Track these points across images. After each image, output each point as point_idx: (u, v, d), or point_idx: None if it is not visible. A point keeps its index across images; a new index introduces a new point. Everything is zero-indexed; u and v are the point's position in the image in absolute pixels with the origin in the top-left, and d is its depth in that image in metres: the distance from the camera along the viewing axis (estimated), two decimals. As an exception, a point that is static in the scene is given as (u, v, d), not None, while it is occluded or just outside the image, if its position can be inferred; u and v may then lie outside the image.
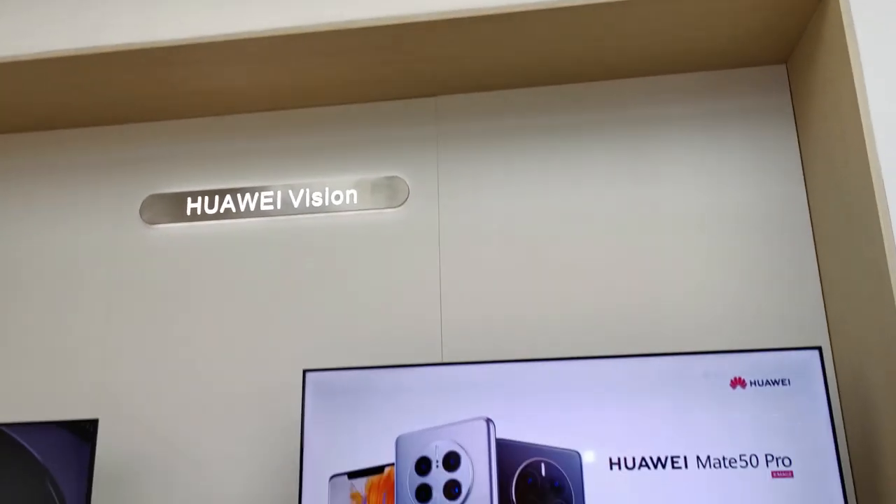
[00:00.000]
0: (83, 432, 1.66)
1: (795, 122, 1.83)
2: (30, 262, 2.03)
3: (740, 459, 1.44)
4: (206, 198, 2.00)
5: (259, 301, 1.92)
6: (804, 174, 1.79)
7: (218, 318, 1.92)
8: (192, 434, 1.84)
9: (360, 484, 1.56)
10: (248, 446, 1.81)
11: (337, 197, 1.96)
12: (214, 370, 1.88)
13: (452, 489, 1.52)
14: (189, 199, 2.01)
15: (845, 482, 1.39)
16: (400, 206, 1.93)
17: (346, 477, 1.57)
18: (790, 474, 1.41)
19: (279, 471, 1.78)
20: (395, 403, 1.59)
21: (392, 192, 1.94)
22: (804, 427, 1.43)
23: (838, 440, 1.42)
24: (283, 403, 1.81)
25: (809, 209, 1.77)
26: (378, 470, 1.56)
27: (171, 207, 2.01)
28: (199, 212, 2.00)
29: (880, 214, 1.39)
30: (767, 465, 1.43)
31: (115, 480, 1.82)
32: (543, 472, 1.50)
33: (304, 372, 1.63)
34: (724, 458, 1.44)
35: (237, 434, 1.82)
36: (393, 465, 1.56)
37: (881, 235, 1.39)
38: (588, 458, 1.49)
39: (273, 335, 1.88)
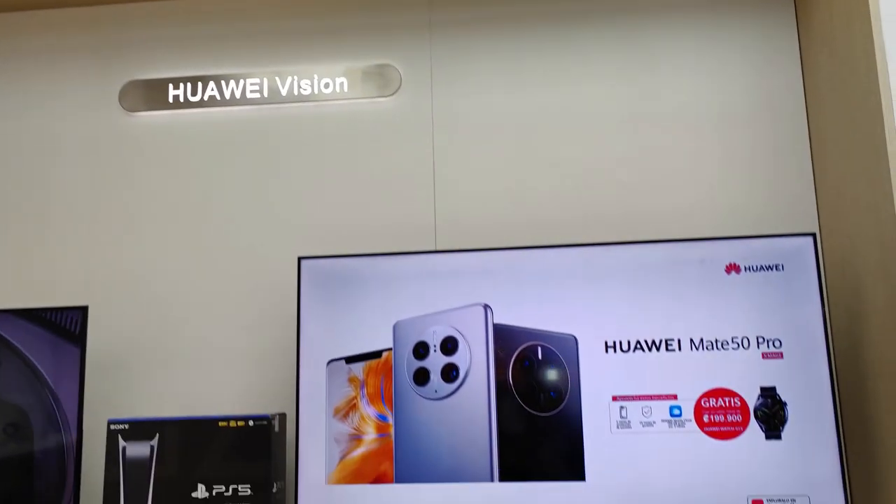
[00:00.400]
0: (72, 322, 1.64)
1: (795, 10, 1.81)
2: (5, 151, 1.95)
3: (732, 342, 1.48)
4: (189, 84, 1.93)
5: (248, 191, 1.88)
6: (802, 63, 1.78)
7: (206, 207, 1.88)
8: (184, 324, 1.83)
9: (358, 368, 1.58)
10: (243, 335, 1.81)
11: (326, 85, 1.90)
12: (204, 260, 1.86)
13: (450, 372, 1.54)
14: (171, 86, 1.93)
15: (832, 363, 1.44)
16: (392, 95, 1.88)
17: (343, 362, 1.58)
18: (780, 355, 1.46)
19: (276, 358, 1.78)
20: (392, 291, 1.59)
21: (383, 81, 1.89)
22: (795, 311, 1.47)
23: (827, 323, 1.46)
24: (278, 292, 1.81)
25: (805, 99, 1.77)
26: (376, 355, 1.58)
27: (152, 94, 1.94)
28: (181, 99, 1.93)
29: (882, 101, 1.39)
30: (758, 346, 1.47)
31: (106, 370, 1.81)
32: (540, 356, 1.53)
33: (299, 259, 1.62)
34: (716, 341, 1.48)
35: (232, 323, 1.82)
36: (391, 349, 1.57)
37: (882, 123, 1.40)
38: (584, 341, 1.52)
39: (264, 225, 1.86)
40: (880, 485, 1.46)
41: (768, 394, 1.45)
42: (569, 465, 1.48)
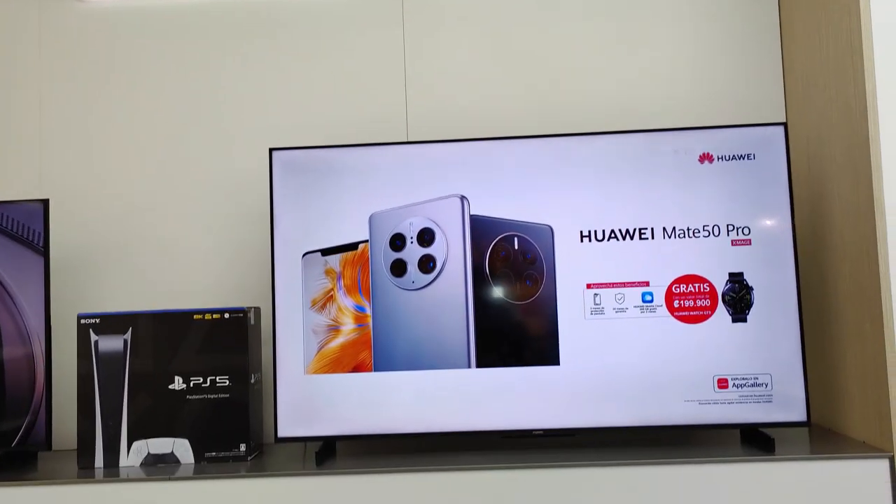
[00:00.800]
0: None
1: None
2: (-58, 36, 1.82)
3: (703, 230, 1.52)
4: (142, -33, 1.82)
5: (212, 82, 1.81)
6: (776, -44, 1.78)
7: (169, 99, 1.81)
8: (151, 221, 1.78)
9: (335, 260, 1.57)
10: (214, 230, 1.78)
11: (290, -30, 1.81)
12: (169, 154, 1.80)
13: (427, 264, 1.55)
14: (122, -31, 1.82)
15: (796, 249, 1.49)
16: (360, -19, 1.81)
17: (319, 254, 1.57)
18: (748, 242, 1.51)
19: (249, 252, 1.76)
20: (366, 183, 1.57)
21: (350, -34, 1.81)
22: (764, 199, 1.51)
23: (793, 211, 1.50)
24: (249, 185, 1.77)
25: (778, -8, 1.78)
26: (352, 247, 1.57)
27: (102, -22, 1.82)
28: (134, -17, 1.82)
29: (859, -11, 1.40)
30: (728, 234, 1.51)
31: (70, 271, 1.76)
32: (516, 246, 1.55)
33: (271, 150, 1.58)
34: (688, 229, 1.52)
35: (202, 218, 1.78)
36: (367, 241, 1.56)
37: (858, 14, 1.41)
38: (560, 231, 1.54)
39: (231, 117, 1.80)
40: (836, 363, 1.55)
41: (736, 279, 1.50)
42: (544, 351, 1.52)
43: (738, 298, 1.50)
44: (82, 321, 1.53)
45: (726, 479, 1.37)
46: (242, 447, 1.52)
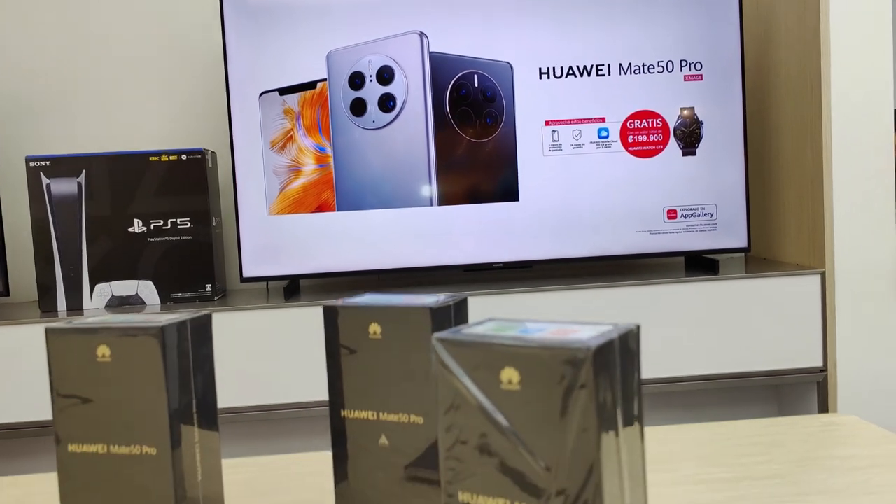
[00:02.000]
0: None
1: None
2: None
3: (658, 65, 1.56)
4: None
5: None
6: None
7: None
8: (97, 63, 1.70)
9: (293, 100, 1.54)
10: (165, 71, 1.71)
11: None
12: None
13: (387, 102, 1.54)
14: None
15: (744, 84, 1.55)
16: None
17: (277, 94, 1.54)
18: (700, 77, 1.56)
19: (206, 95, 1.71)
20: (321, 20, 1.53)
21: None
22: (716, 34, 1.55)
23: (743, 46, 1.55)
24: (199, 23, 1.69)
25: None
26: (310, 86, 1.55)
27: None
28: None
29: None
30: (681, 69, 1.56)
31: (12, 115, 1.68)
32: (476, 84, 1.55)
33: (221, -16, 1.51)
34: (643, 65, 1.55)
35: (151, 59, 1.70)
36: (325, 80, 1.54)
37: None
38: (519, 68, 1.55)
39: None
40: (777, 192, 1.65)
41: (687, 114, 1.56)
42: (503, 187, 1.56)
43: (689, 133, 1.56)
44: (31, 164, 1.48)
45: (674, 297, 1.47)
46: (208, 287, 1.53)
